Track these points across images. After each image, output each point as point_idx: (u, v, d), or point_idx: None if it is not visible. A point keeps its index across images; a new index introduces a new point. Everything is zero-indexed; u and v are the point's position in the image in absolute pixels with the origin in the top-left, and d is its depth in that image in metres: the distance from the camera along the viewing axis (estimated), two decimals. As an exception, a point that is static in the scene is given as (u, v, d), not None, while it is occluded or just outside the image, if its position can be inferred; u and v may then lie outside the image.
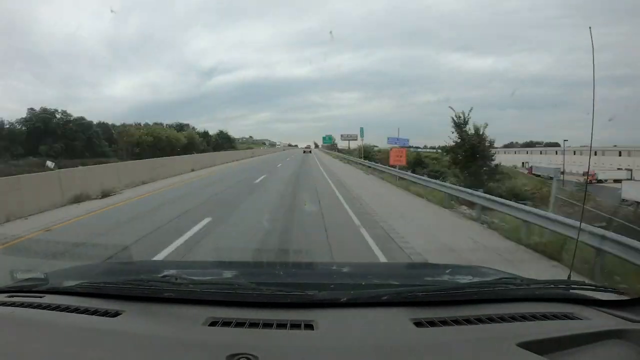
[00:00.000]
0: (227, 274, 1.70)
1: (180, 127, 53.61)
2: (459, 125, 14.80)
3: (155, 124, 48.28)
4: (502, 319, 1.14)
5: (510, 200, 7.48)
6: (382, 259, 4.70)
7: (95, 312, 1.17)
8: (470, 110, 14.80)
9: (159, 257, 4.59)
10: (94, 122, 40.31)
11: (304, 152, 58.71)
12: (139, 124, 45.18)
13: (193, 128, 56.13)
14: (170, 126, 52.04)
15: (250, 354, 0.90)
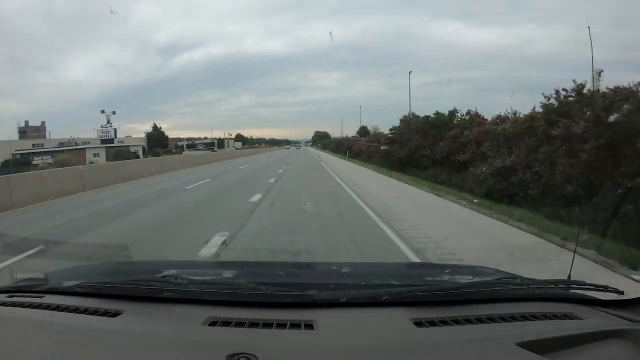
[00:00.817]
0: (227, 274, 1.70)
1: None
2: None
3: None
4: (501, 318, 1.14)
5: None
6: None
7: (95, 312, 1.17)
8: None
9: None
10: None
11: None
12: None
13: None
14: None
15: (250, 354, 0.90)
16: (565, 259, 2.44)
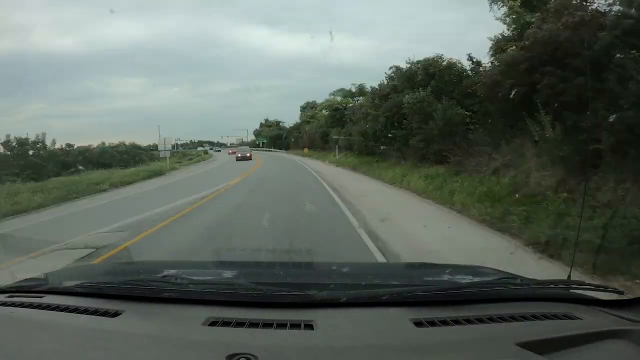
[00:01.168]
0: (227, 274, 1.70)
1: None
2: None
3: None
4: (502, 318, 1.14)
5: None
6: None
7: (95, 312, 1.17)
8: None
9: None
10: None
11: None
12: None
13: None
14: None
15: (250, 354, 0.90)
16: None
